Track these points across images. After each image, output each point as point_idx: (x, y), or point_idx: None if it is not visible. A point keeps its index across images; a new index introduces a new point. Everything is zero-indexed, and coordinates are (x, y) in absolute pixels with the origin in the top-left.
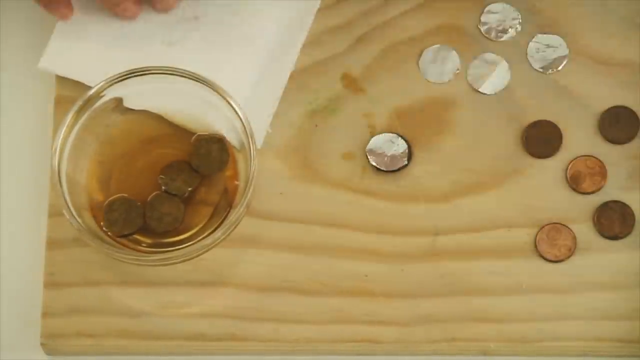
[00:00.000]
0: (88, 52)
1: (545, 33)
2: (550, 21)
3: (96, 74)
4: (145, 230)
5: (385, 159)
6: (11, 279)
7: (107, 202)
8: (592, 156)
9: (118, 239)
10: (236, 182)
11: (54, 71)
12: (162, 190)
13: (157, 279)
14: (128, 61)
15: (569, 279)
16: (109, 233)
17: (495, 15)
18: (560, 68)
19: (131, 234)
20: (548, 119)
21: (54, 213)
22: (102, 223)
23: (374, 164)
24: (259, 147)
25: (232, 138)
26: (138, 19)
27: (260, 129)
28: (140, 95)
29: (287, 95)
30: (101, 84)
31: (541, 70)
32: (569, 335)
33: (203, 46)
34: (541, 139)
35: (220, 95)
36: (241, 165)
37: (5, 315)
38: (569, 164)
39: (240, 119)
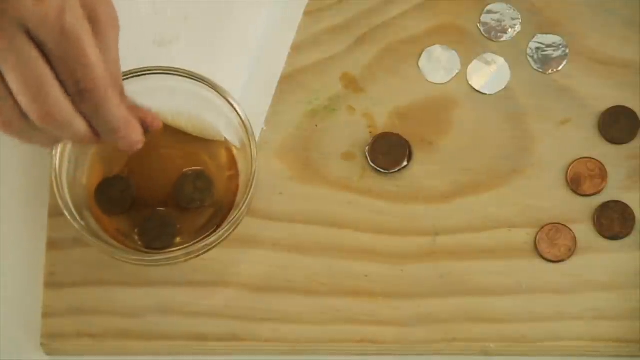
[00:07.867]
0: None
1: (545, 33)
2: (550, 21)
3: None
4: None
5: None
6: (11, 279)
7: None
8: (592, 158)
9: (120, 239)
10: (237, 182)
11: None
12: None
13: (158, 279)
14: (121, 63)
15: (568, 279)
16: (139, 242)
17: (495, 15)
18: (560, 68)
19: (163, 248)
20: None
21: (54, 213)
22: (135, 230)
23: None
24: None
25: (232, 137)
26: (128, 21)
27: (255, 126)
28: (138, 97)
29: (287, 96)
30: None
31: (541, 70)
32: (569, 335)
33: (193, 46)
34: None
35: (220, 94)
36: (242, 165)
37: (5, 315)
38: (569, 165)
39: (241, 118)
